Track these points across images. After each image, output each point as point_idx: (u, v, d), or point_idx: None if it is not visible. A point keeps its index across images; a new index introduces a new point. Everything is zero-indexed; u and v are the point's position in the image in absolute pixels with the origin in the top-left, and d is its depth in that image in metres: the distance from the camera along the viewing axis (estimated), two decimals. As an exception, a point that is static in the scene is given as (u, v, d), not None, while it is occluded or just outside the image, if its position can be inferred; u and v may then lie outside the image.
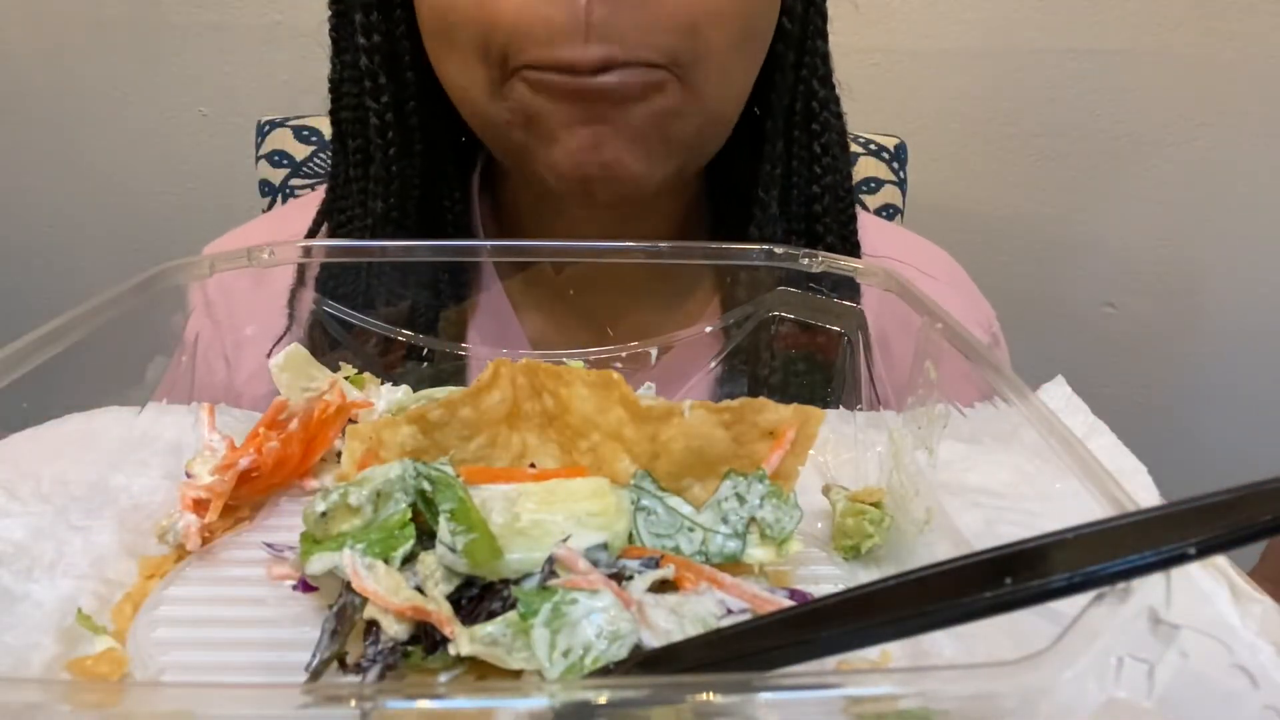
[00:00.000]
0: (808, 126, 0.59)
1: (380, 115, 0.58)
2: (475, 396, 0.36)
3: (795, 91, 0.59)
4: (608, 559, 0.30)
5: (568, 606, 0.27)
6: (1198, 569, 0.29)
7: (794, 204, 0.60)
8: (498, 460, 0.37)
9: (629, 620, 0.27)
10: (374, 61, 0.57)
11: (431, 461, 0.34)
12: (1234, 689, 0.24)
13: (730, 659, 0.23)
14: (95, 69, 1.27)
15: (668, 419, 0.34)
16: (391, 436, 0.35)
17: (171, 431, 0.42)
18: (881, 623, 0.22)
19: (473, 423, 0.36)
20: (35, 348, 0.34)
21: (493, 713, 0.20)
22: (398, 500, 0.31)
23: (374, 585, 0.28)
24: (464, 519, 0.29)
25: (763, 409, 0.34)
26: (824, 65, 0.60)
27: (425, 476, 0.32)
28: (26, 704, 0.20)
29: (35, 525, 0.34)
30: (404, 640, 0.28)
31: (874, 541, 0.36)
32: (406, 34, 0.56)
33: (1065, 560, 0.21)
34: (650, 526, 0.33)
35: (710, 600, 0.29)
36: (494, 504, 0.31)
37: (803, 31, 0.58)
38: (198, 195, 1.28)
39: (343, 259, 0.50)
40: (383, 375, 0.47)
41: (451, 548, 0.29)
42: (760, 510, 0.33)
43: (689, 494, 0.35)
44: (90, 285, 0.40)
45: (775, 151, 0.59)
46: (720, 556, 0.32)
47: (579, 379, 0.36)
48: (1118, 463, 0.38)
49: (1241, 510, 0.21)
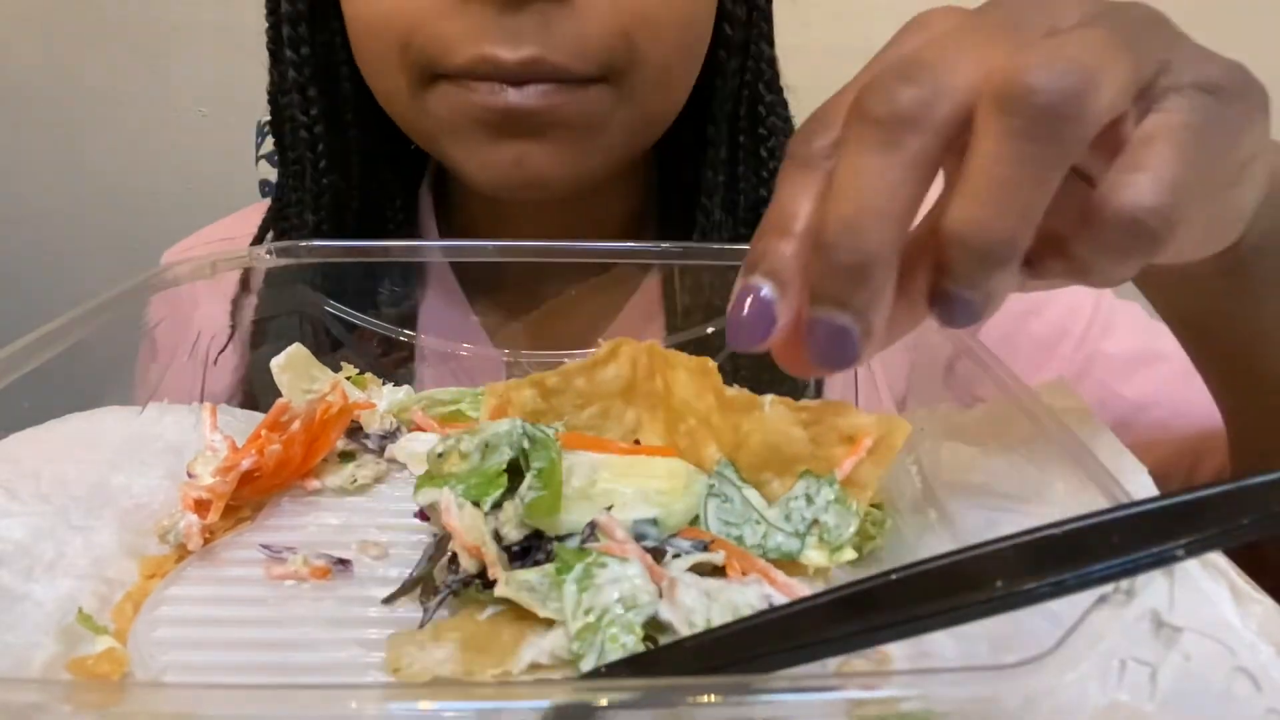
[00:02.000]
0: (753, 131, 0.59)
1: (309, 128, 0.57)
2: (591, 369, 0.39)
3: (739, 96, 0.58)
4: (656, 534, 0.32)
5: (598, 569, 0.29)
6: (1197, 569, 0.29)
7: (741, 209, 0.59)
8: (608, 431, 0.39)
9: (650, 592, 0.28)
10: (303, 74, 0.57)
11: (548, 424, 0.37)
12: (1236, 692, 0.24)
13: (729, 662, 0.23)
14: (95, 69, 1.27)
15: (749, 411, 0.35)
16: (518, 396, 0.39)
17: (172, 432, 0.42)
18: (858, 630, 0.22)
19: (586, 393, 0.39)
20: (35, 348, 0.34)
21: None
22: (502, 452, 0.34)
23: (456, 522, 0.31)
24: (545, 477, 0.32)
25: (842, 412, 0.34)
26: (769, 69, 0.59)
27: (528, 435, 0.34)
28: (27, 704, 0.20)
29: (35, 525, 0.34)
30: (474, 574, 0.30)
31: (875, 543, 0.36)
32: (344, 44, 0.55)
33: (1062, 560, 0.21)
34: (721, 513, 0.34)
35: (754, 593, 0.29)
36: (579, 469, 0.34)
37: (746, 36, 0.57)
38: (198, 195, 1.28)
39: (341, 259, 0.50)
40: (384, 375, 0.47)
41: (522, 499, 0.32)
42: (825, 514, 0.33)
43: (767, 488, 0.35)
44: (90, 285, 0.40)
45: (719, 156, 0.58)
46: (777, 553, 0.33)
47: (681, 363, 0.37)
48: (1118, 463, 0.38)
49: (1231, 507, 0.21)
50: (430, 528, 0.35)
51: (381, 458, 0.40)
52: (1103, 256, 0.27)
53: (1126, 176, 0.26)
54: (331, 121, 0.58)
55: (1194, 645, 0.22)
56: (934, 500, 0.36)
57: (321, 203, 0.58)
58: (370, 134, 0.59)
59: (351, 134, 0.58)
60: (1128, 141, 0.26)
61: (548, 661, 0.27)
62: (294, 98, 0.57)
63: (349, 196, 0.59)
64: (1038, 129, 0.24)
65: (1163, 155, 0.26)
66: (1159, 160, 0.26)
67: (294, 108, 0.57)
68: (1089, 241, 0.27)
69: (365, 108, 0.57)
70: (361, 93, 0.57)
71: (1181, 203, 0.25)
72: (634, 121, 0.53)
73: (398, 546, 0.35)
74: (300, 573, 0.33)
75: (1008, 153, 0.25)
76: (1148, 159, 0.26)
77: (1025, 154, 0.25)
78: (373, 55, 0.52)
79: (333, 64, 0.57)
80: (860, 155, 0.26)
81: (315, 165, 0.58)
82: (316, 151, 0.58)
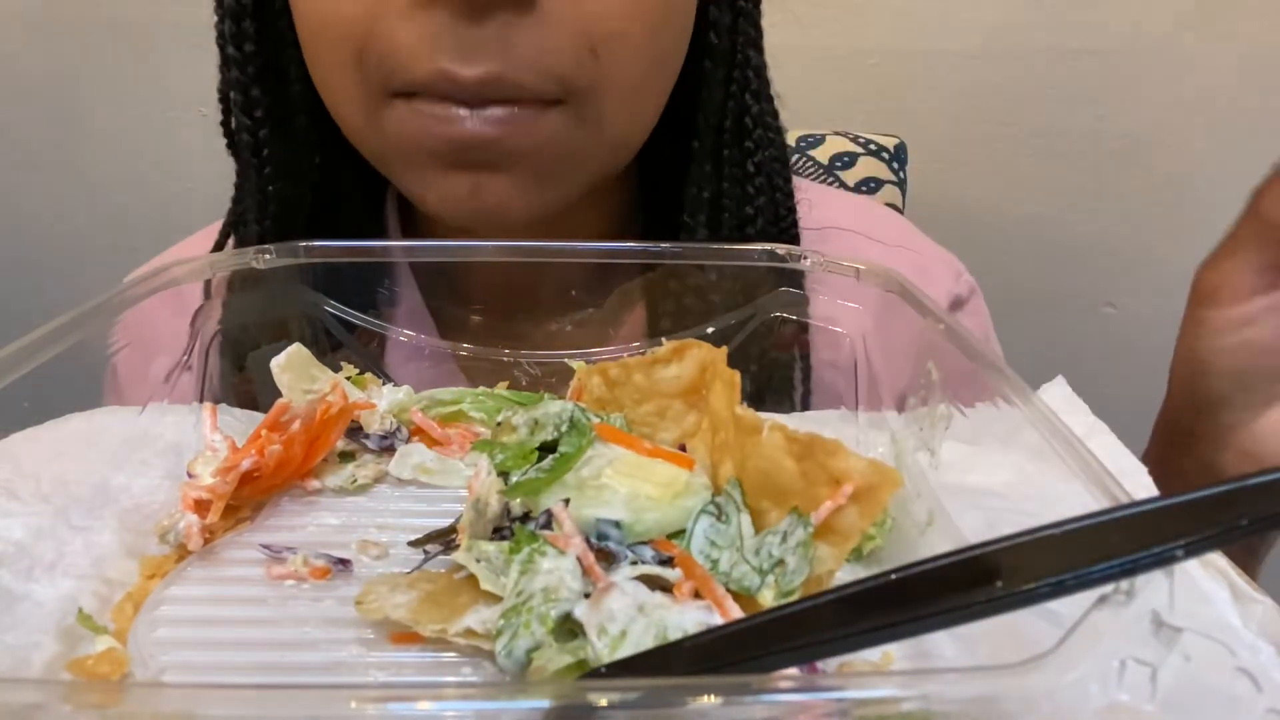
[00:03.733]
0: (740, 144, 0.56)
1: (253, 132, 0.53)
2: (650, 366, 0.39)
3: (725, 109, 0.55)
4: (619, 537, 0.32)
5: (540, 555, 0.30)
6: (1197, 569, 0.29)
7: (725, 226, 0.56)
8: (663, 430, 0.40)
9: (575, 590, 0.29)
10: (246, 73, 0.52)
11: (610, 413, 0.39)
12: (1237, 692, 0.24)
13: (729, 662, 0.23)
14: (95, 69, 1.27)
15: (753, 434, 0.33)
16: (590, 382, 0.41)
17: (172, 432, 0.42)
18: (858, 631, 0.22)
19: (644, 389, 0.40)
20: (35, 348, 0.34)
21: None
22: (546, 431, 0.36)
23: (477, 485, 0.33)
24: (558, 463, 0.34)
25: (833, 452, 0.31)
26: (758, 78, 0.56)
27: (573, 421, 0.36)
28: (27, 704, 0.20)
29: (35, 525, 0.34)
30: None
31: (875, 543, 0.36)
32: (295, 41, 0.51)
33: (1053, 563, 0.21)
34: (711, 533, 0.32)
35: (692, 618, 0.28)
36: (594, 460, 0.35)
37: (732, 45, 0.54)
38: (197, 195, 1.28)
39: (341, 259, 0.50)
40: (383, 375, 0.46)
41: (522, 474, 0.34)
42: (791, 555, 0.31)
43: (765, 516, 0.33)
44: (90, 285, 0.40)
45: (703, 173, 0.55)
46: (737, 585, 0.31)
47: (719, 374, 0.37)
48: (1118, 463, 0.38)
49: (1231, 507, 0.21)
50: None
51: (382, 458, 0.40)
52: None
53: None
54: (279, 125, 0.54)
55: (1194, 646, 0.22)
56: (934, 501, 0.36)
57: (268, 211, 0.54)
58: (326, 139, 0.54)
59: (302, 139, 0.54)
60: None
61: (481, 630, 0.28)
62: (235, 98, 0.53)
63: (300, 205, 0.55)
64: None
65: None
66: None
67: (237, 110, 0.53)
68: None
69: (319, 111, 0.53)
70: (314, 94, 0.52)
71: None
72: (597, 148, 0.49)
73: (397, 546, 0.35)
74: (300, 573, 0.33)
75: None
76: None
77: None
78: (327, 63, 0.48)
79: (281, 63, 0.53)
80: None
81: (260, 171, 0.54)
82: (262, 157, 0.54)
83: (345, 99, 0.49)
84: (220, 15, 0.53)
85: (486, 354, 0.54)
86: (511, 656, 0.27)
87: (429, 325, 0.56)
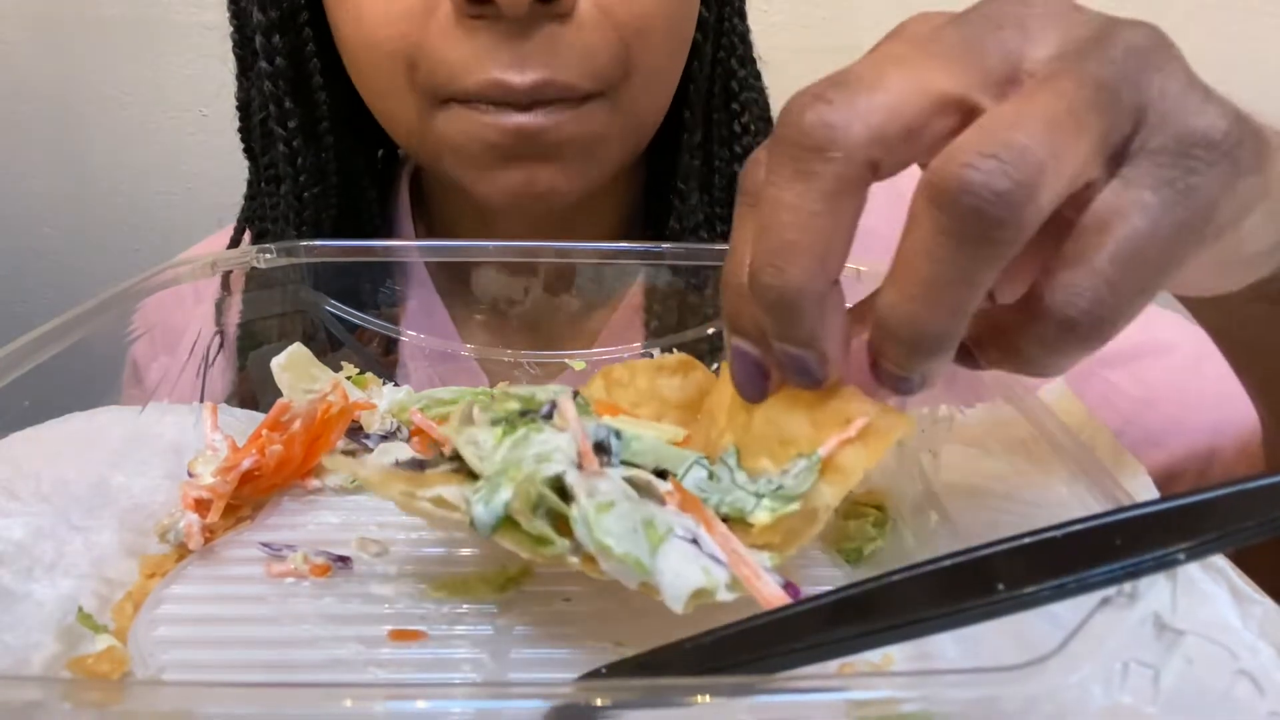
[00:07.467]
0: (727, 107, 0.59)
1: (288, 142, 0.57)
2: (654, 371, 0.40)
3: (714, 75, 0.58)
4: (616, 447, 0.31)
5: (535, 433, 0.30)
6: (1198, 571, 0.29)
7: (715, 188, 0.60)
8: None
9: (565, 455, 0.29)
10: (279, 86, 0.56)
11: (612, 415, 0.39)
12: (1239, 695, 0.24)
13: (729, 663, 0.23)
14: (95, 69, 1.27)
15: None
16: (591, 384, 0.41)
17: (172, 431, 0.42)
18: (859, 632, 0.22)
19: (646, 393, 0.40)
20: (35, 348, 0.34)
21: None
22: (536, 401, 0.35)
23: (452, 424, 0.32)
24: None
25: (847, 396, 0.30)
26: (742, 44, 0.59)
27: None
28: (27, 702, 0.20)
29: (35, 525, 0.34)
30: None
31: (877, 544, 0.36)
32: (317, 52, 0.55)
33: (1055, 565, 0.21)
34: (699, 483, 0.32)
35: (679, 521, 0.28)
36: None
37: (719, 14, 0.58)
38: (198, 195, 1.28)
39: (341, 259, 0.50)
40: (384, 375, 0.47)
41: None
42: (790, 480, 0.30)
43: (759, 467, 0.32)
44: (90, 285, 0.40)
45: (694, 141, 0.58)
46: (727, 506, 0.30)
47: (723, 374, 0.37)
48: (1118, 463, 0.38)
49: (1234, 510, 0.21)
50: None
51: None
52: (1040, 350, 0.26)
53: (1064, 274, 0.24)
54: (309, 134, 0.57)
55: (1196, 648, 0.22)
56: (935, 502, 0.36)
57: (304, 217, 0.58)
58: (345, 142, 0.59)
59: (328, 143, 0.58)
60: (1081, 219, 0.25)
61: (452, 500, 0.28)
62: (270, 110, 0.56)
63: (327, 207, 0.59)
64: (968, 231, 0.23)
65: (1107, 249, 0.24)
66: (1102, 256, 0.24)
67: (271, 121, 0.57)
68: (1027, 334, 0.25)
69: (339, 116, 0.57)
70: (335, 101, 0.56)
71: (1124, 299, 0.24)
72: (629, 130, 0.54)
73: (397, 544, 0.35)
74: (300, 570, 0.33)
75: (937, 249, 0.23)
76: (1090, 252, 0.24)
77: (955, 253, 0.23)
78: (379, 78, 0.52)
79: (305, 74, 0.56)
80: (776, 187, 0.25)
81: (296, 179, 0.57)
82: (297, 166, 0.57)
83: (398, 105, 0.52)
84: (244, 29, 0.57)
85: (486, 354, 0.54)
86: (488, 507, 0.27)
87: (445, 323, 0.59)
